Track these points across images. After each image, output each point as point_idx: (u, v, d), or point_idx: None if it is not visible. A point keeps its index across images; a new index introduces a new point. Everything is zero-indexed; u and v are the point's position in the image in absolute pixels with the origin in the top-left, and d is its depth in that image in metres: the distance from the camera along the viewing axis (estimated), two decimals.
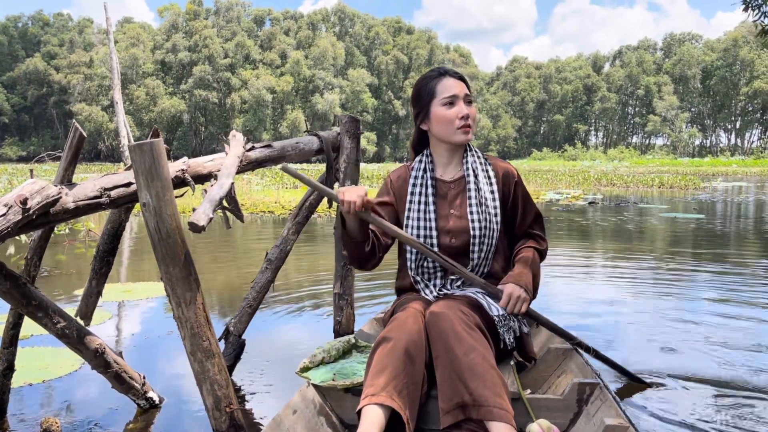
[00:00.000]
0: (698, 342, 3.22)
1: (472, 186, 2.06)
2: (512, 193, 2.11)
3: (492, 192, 2.07)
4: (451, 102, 2.02)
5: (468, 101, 2.04)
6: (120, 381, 2.20)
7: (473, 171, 2.08)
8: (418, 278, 2.09)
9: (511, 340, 1.93)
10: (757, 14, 8.21)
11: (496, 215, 2.06)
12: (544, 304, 4.13)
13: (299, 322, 3.67)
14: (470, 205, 2.05)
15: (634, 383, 2.53)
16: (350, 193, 1.81)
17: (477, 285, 1.93)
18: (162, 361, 2.96)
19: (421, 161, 2.14)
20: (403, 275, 2.16)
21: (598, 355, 2.23)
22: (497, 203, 2.07)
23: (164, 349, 3.13)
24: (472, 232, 2.02)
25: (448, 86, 2.03)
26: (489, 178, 2.09)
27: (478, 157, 2.13)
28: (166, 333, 3.38)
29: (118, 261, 5.80)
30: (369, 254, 1.98)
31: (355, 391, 1.86)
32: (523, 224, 2.15)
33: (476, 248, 2.03)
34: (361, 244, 1.94)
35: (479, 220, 2.03)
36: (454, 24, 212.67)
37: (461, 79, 2.07)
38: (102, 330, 3.40)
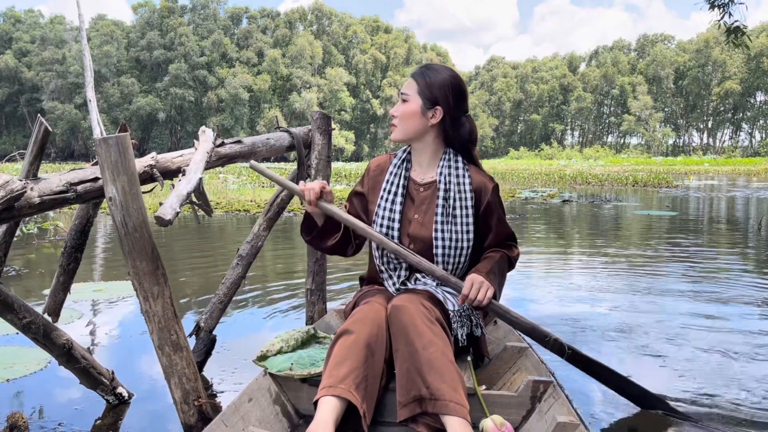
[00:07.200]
0: (659, 341, 3.25)
1: (440, 201, 1.98)
2: (482, 208, 2.02)
3: (466, 207, 1.99)
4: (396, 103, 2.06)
5: (403, 99, 2.01)
6: (88, 376, 2.19)
7: (445, 183, 2.00)
8: (383, 267, 2.05)
9: (464, 336, 1.89)
10: (721, 13, 8.36)
11: (467, 231, 1.98)
12: (517, 301, 4.19)
13: (272, 319, 3.67)
14: (436, 222, 1.97)
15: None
16: (310, 184, 1.91)
17: (439, 277, 1.90)
18: (132, 359, 2.94)
19: (402, 154, 2.10)
20: (369, 263, 2.15)
21: (575, 355, 2.02)
22: (470, 219, 1.99)
23: (135, 348, 3.11)
24: (435, 250, 1.96)
25: (402, 86, 2.06)
26: (464, 192, 2.00)
27: (458, 167, 2.03)
28: (137, 332, 3.35)
29: (91, 260, 5.73)
30: (339, 245, 2.03)
31: (312, 381, 1.86)
32: (491, 244, 2.06)
33: (440, 265, 1.96)
34: (326, 235, 1.99)
35: (443, 239, 1.96)
36: (436, 23, 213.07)
37: (415, 76, 2.02)
38: (72, 329, 3.36)
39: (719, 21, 8.49)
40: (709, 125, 79.89)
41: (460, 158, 2.05)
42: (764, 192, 18.11)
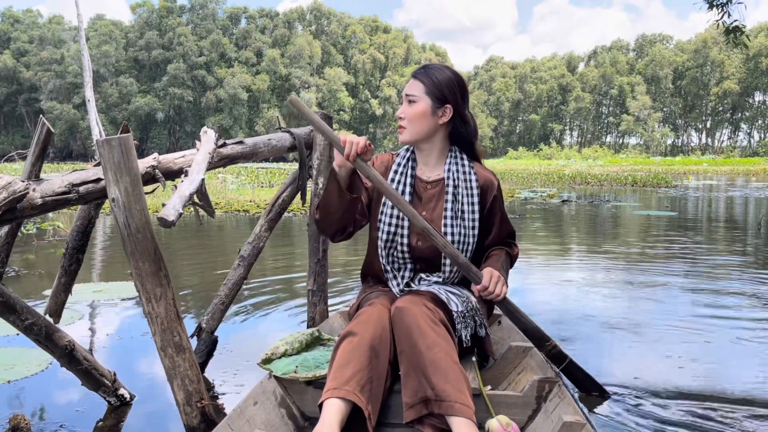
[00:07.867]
0: (660, 342, 3.24)
1: (449, 197, 2.02)
2: (488, 205, 2.07)
3: (472, 204, 2.03)
4: (402, 104, 2.05)
5: (409, 101, 2.01)
6: (90, 378, 2.18)
7: (453, 180, 2.03)
8: (388, 267, 2.06)
9: (467, 337, 1.89)
10: (720, 13, 8.36)
11: (473, 228, 2.02)
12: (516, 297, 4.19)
13: (273, 319, 3.66)
14: (445, 217, 2.00)
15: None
16: (353, 137, 1.80)
17: (461, 264, 1.89)
18: (133, 360, 2.93)
19: (406, 153, 2.11)
20: (371, 261, 2.14)
21: (573, 366, 2.08)
22: (477, 216, 2.03)
23: (136, 349, 3.10)
24: None
25: (405, 88, 2.05)
26: (471, 189, 2.04)
27: (463, 165, 2.07)
28: (138, 333, 3.34)
29: (91, 261, 5.72)
30: (344, 221, 1.96)
31: (317, 384, 1.86)
32: (494, 240, 2.11)
33: (448, 260, 1.99)
34: (343, 202, 1.90)
35: (451, 234, 1.99)
36: (435, 23, 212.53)
37: (419, 76, 2.02)
38: (73, 330, 3.34)
39: (718, 21, 8.49)
40: (708, 125, 79.93)
41: (464, 155, 2.09)
42: (763, 192, 18.13)
